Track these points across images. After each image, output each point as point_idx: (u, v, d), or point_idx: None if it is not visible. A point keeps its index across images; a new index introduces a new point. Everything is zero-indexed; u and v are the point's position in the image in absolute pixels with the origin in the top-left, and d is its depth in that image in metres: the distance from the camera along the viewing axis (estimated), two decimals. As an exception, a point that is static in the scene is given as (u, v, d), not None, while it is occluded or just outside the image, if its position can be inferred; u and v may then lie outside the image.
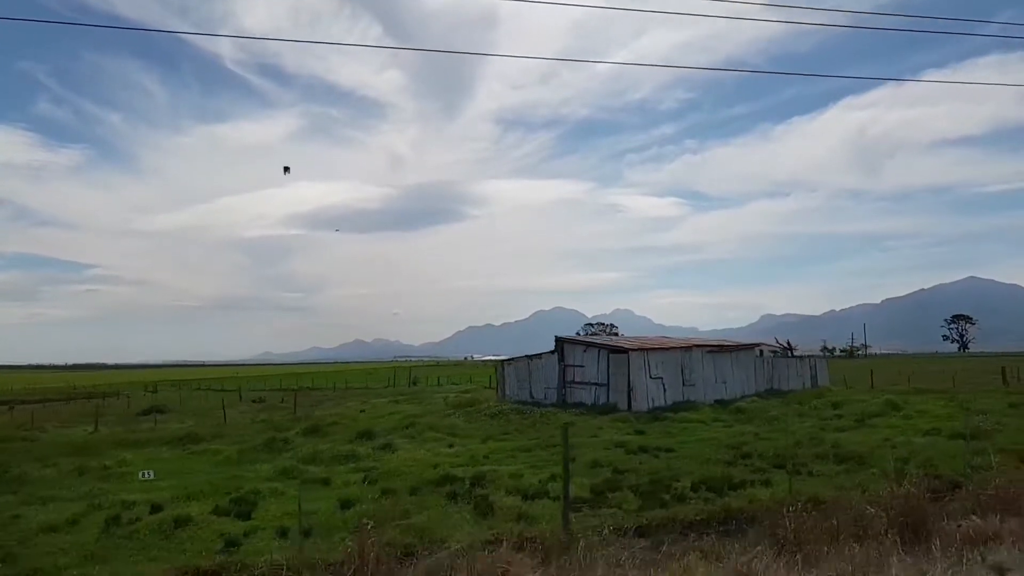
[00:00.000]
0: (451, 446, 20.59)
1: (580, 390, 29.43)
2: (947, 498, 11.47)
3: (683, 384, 29.83)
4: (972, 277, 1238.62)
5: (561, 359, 30.35)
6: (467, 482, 14.65)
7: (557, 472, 15.54)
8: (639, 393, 27.57)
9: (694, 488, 13.81)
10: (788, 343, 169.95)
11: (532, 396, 31.00)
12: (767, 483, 13.96)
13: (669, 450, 18.65)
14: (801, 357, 40.23)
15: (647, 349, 28.50)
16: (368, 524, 8.09)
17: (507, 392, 32.27)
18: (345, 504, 12.93)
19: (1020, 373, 53.38)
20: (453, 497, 13.56)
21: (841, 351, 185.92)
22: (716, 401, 29.42)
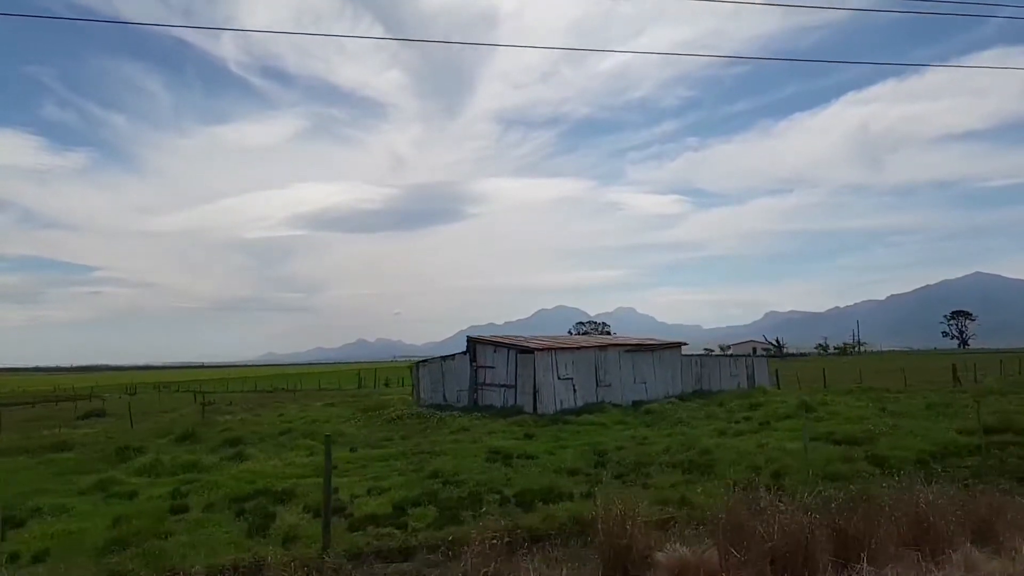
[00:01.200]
0: (312, 454, 19.49)
1: (491, 392, 28.31)
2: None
3: (597, 385, 28.68)
4: (977, 272, 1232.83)
5: (473, 360, 29.22)
6: (272, 497, 13.59)
7: (397, 482, 14.57)
8: (545, 395, 26.43)
9: (505, 502, 12.71)
10: (778, 341, 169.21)
11: (445, 399, 29.89)
12: (588, 495, 12.83)
13: (532, 457, 17.51)
14: (736, 357, 38.95)
15: (555, 349, 27.33)
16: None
17: (422, 395, 31.15)
18: (116, 522, 11.92)
19: (1007, 368, 52.11)
20: (241, 514, 12.51)
21: (835, 348, 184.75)
22: (633, 403, 28.26)
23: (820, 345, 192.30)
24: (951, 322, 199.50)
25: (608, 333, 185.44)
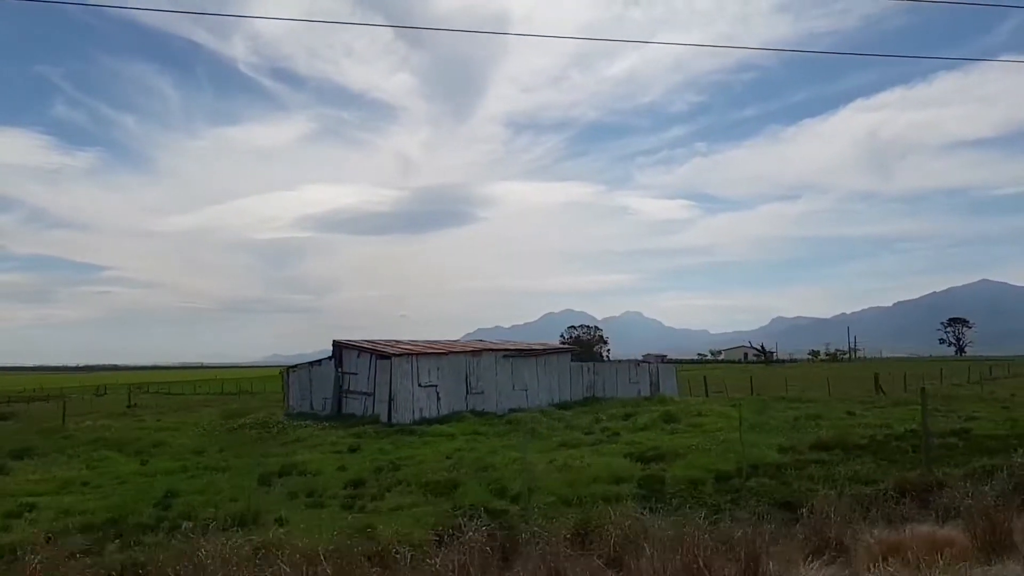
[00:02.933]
0: (90, 467, 17.96)
1: (354, 400, 26.70)
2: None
3: (468, 392, 27.00)
4: (984, 280, 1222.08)
5: (338, 365, 27.60)
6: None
7: (102, 506, 12.95)
8: (401, 403, 24.76)
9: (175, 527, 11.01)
10: (762, 347, 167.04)
11: (312, 407, 28.27)
12: (254, 521, 11.09)
13: (315, 474, 15.85)
14: (640, 363, 37.22)
15: (416, 354, 25.66)
16: None
17: (291, 402, 29.54)
18: None
19: (973, 375, 49.99)
20: None
21: (825, 355, 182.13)
22: (511, 410, 26.57)
23: (813, 351, 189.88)
24: (948, 329, 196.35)
25: (603, 339, 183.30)
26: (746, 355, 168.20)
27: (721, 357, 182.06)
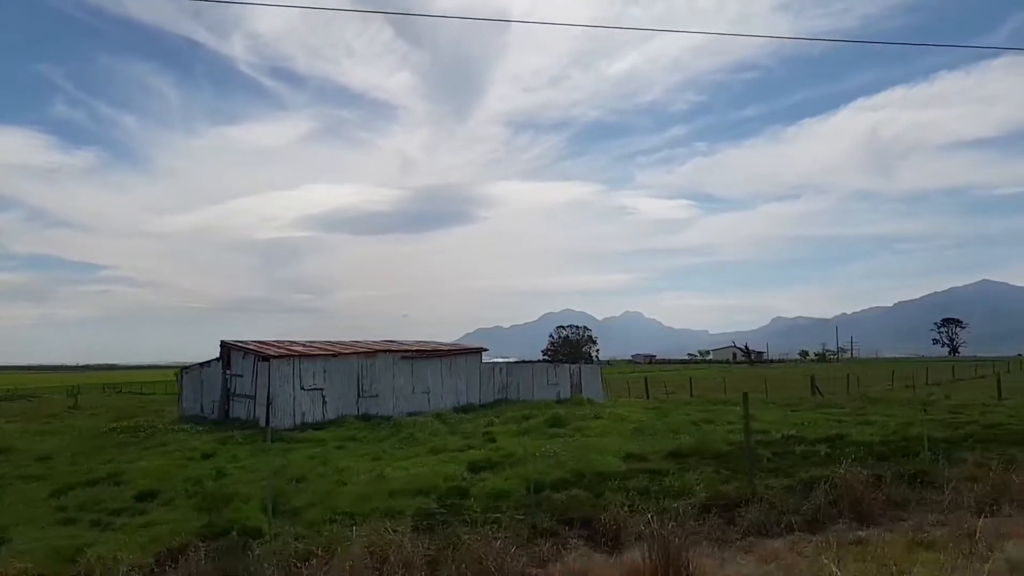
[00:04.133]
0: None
1: (239, 403, 25.39)
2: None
3: (360, 396, 25.66)
4: (985, 280, 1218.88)
5: (226, 367, 26.28)
6: None
7: None
8: (281, 407, 23.43)
9: None
10: (747, 347, 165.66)
11: (203, 410, 26.98)
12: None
13: (121, 483, 14.71)
14: (560, 364, 36.00)
15: (298, 355, 24.31)
16: None
17: (184, 405, 28.25)
18: None
19: (943, 375, 48.65)
20: None
21: (815, 355, 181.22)
22: (410, 414, 25.23)
23: (803, 352, 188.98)
24: (941, 329, 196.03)
25: (591, 339, 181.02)
26: (735, 355, 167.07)
27: (709, 357, 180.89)
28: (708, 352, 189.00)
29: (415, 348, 28.62)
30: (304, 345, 27.22)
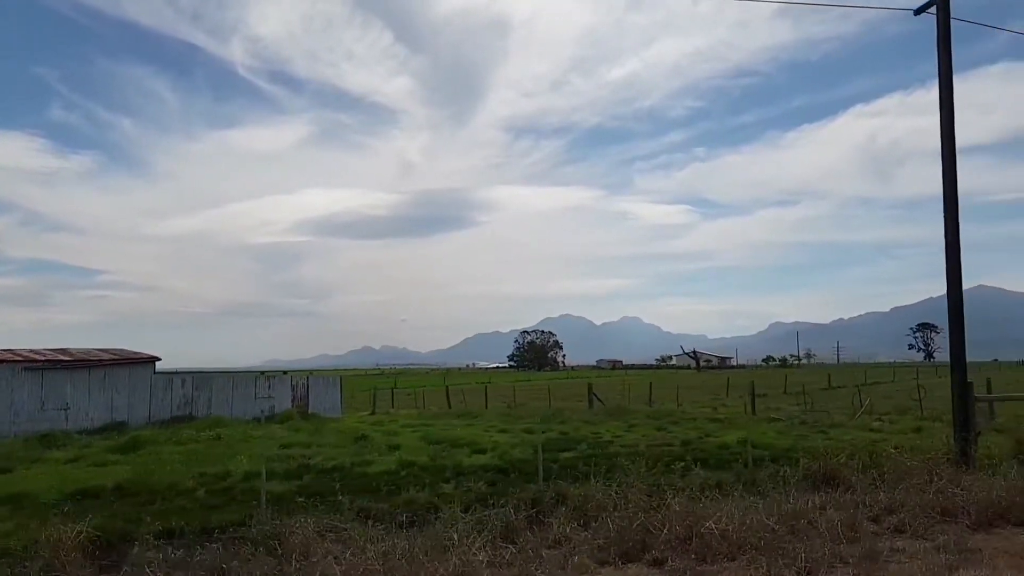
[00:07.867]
0: None
1: None
2: None
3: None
4: (981, 286, 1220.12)
5: None
6: None
7: None
8: None
9: None
10: (695, 352, 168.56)
11: None
12: None
13: None
14: (273, 375, 33.51)
15: None
16: None
17: None
18: None
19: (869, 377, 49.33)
20: None
21: (777, 361, 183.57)
22: (41, 435, 21.80)
23: (767, 357, 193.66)
24: (917, 335, 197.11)
25: (557, 344, 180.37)
26: (697, 361, 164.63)
27: (672, 362, 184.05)
28: (671, 357, 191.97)
29: (51, 357, 25.41)
30: None
